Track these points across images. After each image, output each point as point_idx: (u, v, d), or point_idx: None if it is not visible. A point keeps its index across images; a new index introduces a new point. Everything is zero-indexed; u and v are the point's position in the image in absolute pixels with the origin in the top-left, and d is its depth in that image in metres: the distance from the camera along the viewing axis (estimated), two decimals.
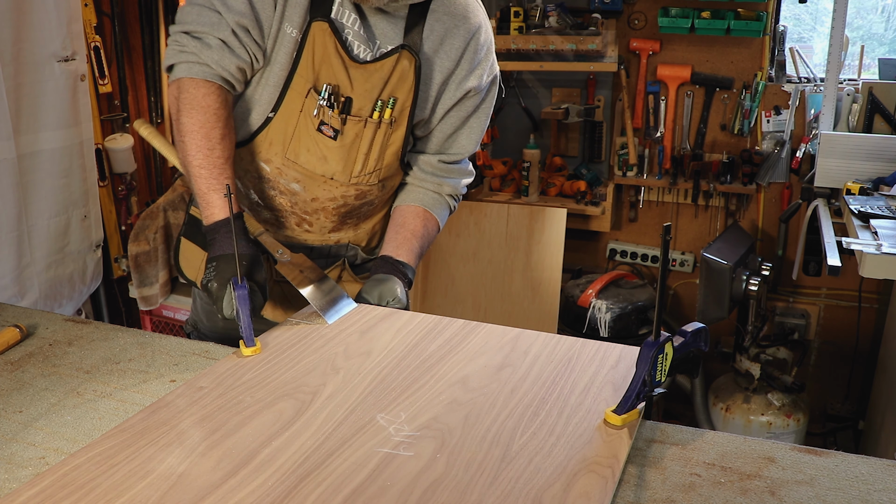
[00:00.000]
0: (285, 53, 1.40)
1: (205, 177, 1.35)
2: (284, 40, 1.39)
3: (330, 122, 1.42)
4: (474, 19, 1.47)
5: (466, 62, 1.47)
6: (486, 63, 1.51)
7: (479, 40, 1.48)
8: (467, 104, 1.53)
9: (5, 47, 2.50)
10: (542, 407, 1.04)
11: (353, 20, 1.40)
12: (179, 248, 1.66)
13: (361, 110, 1.43)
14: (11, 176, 2.58)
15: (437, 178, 1.59)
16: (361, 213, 1.57)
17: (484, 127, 1.59)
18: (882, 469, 0.94)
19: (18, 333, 1.32)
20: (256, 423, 1.00)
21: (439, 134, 1.56)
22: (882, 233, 2.10)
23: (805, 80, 3.17)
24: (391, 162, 1.51)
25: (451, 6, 1.45)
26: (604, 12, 3.23)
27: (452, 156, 1.59)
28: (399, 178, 1.59)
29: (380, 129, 1.45)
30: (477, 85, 1.50)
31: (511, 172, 3.50)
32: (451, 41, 1.46)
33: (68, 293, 2.93)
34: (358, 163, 1.47)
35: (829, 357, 3.37)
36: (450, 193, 1.62)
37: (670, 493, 0.89)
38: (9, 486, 0.92)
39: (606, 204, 3.32)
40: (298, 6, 1.37)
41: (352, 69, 1.40)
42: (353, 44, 1.41)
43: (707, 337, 1.08)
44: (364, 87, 1.41)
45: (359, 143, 1.45)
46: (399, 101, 1.43)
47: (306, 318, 1.35)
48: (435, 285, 3.40)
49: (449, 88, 1.49)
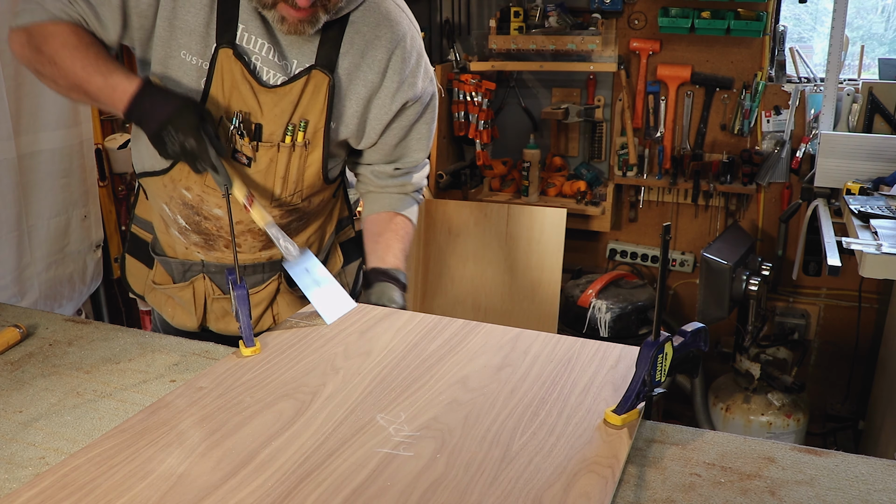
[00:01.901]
0: (191, 81, 1.35)
1: (92, 72, 1.28)
2: (185, 68, 1.34)
3: (242, 150, 1.38)
4: (398, 28, 1.41)
5: (395, 73, 1.41)
6: (418, 71, 1.45)
7: (406, 48, 1.41)
8: (408, 114, 1.48)
9: (5, 47, 2.49)
10: (542, 407, 1.04)
11: (261, 45, 1.34)
12: (125, 265, 1.66)
13: (273, 135, 1.38)
14: (11, 176, 2.58)
15: (397, 179, 1.58)
16: (291, 229, 1.53)
17: (432, 131, 1.55)
18: (882, 469, 0.94)
19: (18, 333, 1.32)
20: (256, 424, 1.00)
21: (384, 146, 1.52)
22: (882, 233, 2.10)
23: (805, 80, 3.17)
24: (313, 182, 1.46)
25: (371, 16, 1.39)
26: (604, 12, 3.23)
27: (406, 163, 1.56)
28: (327, 192, 1.55)
29: (294, 153, 1.40)
30: (413, 95, 1.45)
31: (511, 172, 3.50)
32: (374, 53, 1.39)
33: (68, 293, 2.93)
34: (276, 187, 1.43)
35: (829, 357, 3.37)
36: (413, 189, 1.61)
37: (670, 493, 0.89)
38: (9, 486, 0.92)
39: (606, 204, 3.32)
40: (193, 34, 1.32)
41: (261, 94, 1.35)
42: (262, 70, 1.35)
43: (707, 337, 1.08)
44: (273, 111, 1.36)
45: (274, 167, 1.40)
46: (311, 123, 1.39)
47: (306, 318, 1.35)
48: (435, 285, 3.40)
49: (381, 102, 1.43)
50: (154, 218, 1.57)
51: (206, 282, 1.54)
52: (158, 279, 1.58)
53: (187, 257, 1.54)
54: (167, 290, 1.57)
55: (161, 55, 1.34)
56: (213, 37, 1.32)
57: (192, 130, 1.25)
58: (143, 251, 1.62)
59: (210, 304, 1.55)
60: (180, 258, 1.55)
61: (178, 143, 1.25)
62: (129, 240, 1.65)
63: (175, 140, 1.25)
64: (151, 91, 1.28)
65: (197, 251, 1.52)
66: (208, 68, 1.33)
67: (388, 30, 1.40)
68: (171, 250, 1.56)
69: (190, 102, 1.27)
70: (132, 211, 1.65)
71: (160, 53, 1.34)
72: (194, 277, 1.54)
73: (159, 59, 1.35)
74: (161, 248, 1.58)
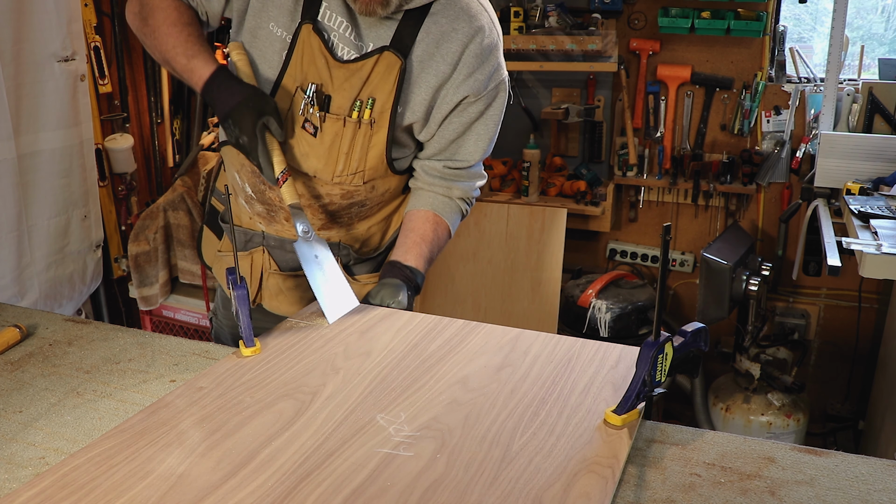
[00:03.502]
0: (274, 52, 1.44)
1: (180, 52, 1.41)
2: (271, 39, 1.44)
3: (311, 119, 1.44)
4: (475, 22, 1.43)
5: (465, 66, 1.43)
6: (487, 67, 1.45)
7: (481, 43, 1.43)
8: (470, 110, 1.48)
9: (5, 47, 2.50)
10: (542, 407, 1.04)
11: (340, 23, 1.42)
12: (202, 236, 1.77)
13: (340, 108, 1.43)
14: (11, 176, 2.58)
15: (446, 181, 1.56)
16: (352, 214, 1.56)
17: (492, 134, 1.54)
18: (882, 469, 0.94)
19: (18, 333, 1.32)
20: (256, 424, 1.00)
21: (441, 139, 1.52)
22: (882, 233, 2.10)
23: (805, 80, 3.17)
24: (375, 164, 1.49)
25: (452, 9, 1.42)
26: (604, 12, 3.23)
27: (458, 162, 1.55)
28: (393, 182, 1.56)
29: (360, 130, 1.44)
30: (476, 90, 1.45)
31: (511, 172, 3.50)
32: (448, 44, 1.42)
33: (68, 293, 2.94)
34: (339, 162, 1.47)
35: (829, 357, 3.37)
36: (460, 197, 1.58)
37: (670, 493, 0.89)
38: (9, 486, 0.92)
39: (606, 204, 3.32)
40: (283, 7, 1.42)
41: (333, 68, 1.42)
42: (338, 46, 1.42)
43: (707, 337, 1.08)
44: (343, 85, 1.42)
45: (339, 142, 1.45)
46: (378, 102, 1.42)
47: (306, 318, 1.35)
48: (435, 285, 3.40)
49: (446, 93, 1.46)
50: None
51: (264, 255, 1.60)
52: (224, 248, 1.67)
53: (250, 227, 1.62)
54: (229, 257, 1.63)
55: (252, 25, 1.44)
56: (300, 12, 1.42)
57: (248, 127, 1.34)
58: (217, 222, 1.71)
59: (266, 279, 1.60)
60: (244, 227, 1.63)
61: (235, 136, 1.36)
62: (207, 212, 1.76)
63: (233, 132, 1.35)
64: (222, 80, 1.38)
65: (259, 221, 1.59)
66: (290, 41, 1.42)
67: (465, 23, 1.43)
68: (237, 219, 1.64)
69: (254, 97, 1.35)
70: (213, 183, 1.78)
71: (251, 23, 1.44)
72: (254, 249, 1.61)
73: (250, 28, 1.45)
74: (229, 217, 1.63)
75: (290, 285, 1.60)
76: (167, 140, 3.42)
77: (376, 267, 1.67)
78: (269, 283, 1.60)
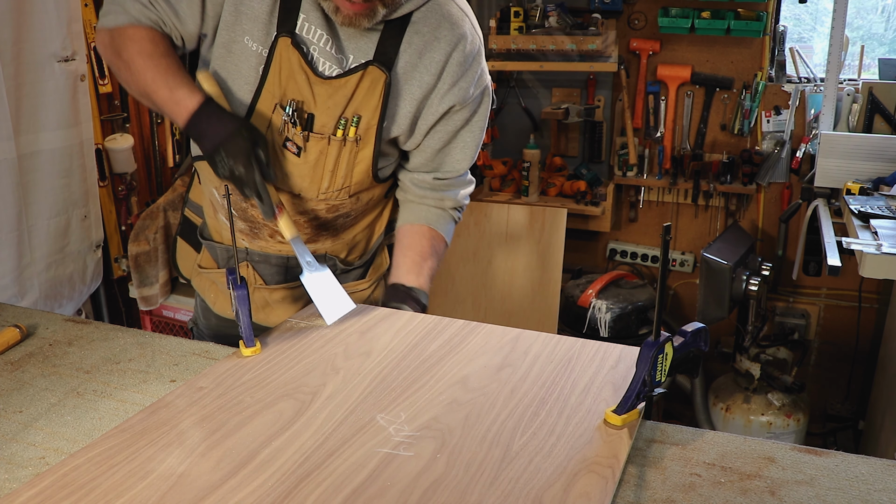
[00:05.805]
0: (250, 68, 1.37)
1: (161, 85, 1.32)
2: (246, 54, 1.37)
3: (293, 139, 1.38)
4: (458, 29, 1.39)
5: (449, 75, 1.40)
6: (471, 74, 1.43)
7: (464, 51, 1.40)
8: (455, 118, 1.46)
9: (5, 47, 2.50)
10: (542, 407, 1.04)
11: (320, 36, 1.36)
12: (176, 247, 1.70)
13: (324, 127, 1.38)
14: (11, 176, 2.58)
15: (437, 192, 1.54)
16: (338, 226, 1.53)
17: (478, 141, 1.52)
18: (882, 469, 0.94)
19: (18, 333, 1.31)
20: (256, 424, 1.00)
21: (428, 150, 1.50)
22: (882, 233, 2.10)
23: (805, 80, 3.17)
24: (361, 179, 1.45)
25: (433, 17, 1.38)
26: (604, 12, 3.22)
27: (447, 173, 1.52)
28: (377, 190, 1.54)
29: (345, 148, 1.40)
30: (462, 98, 1.43)
31: (511, 172, 3.50)
32: (431, 54, 1.38)
33: (68, 293, 2.93)
34: (324, 180, 1.43)
35: (829, 357, 3.37)
36: (452, 206, 1.57)
37: (670, 493, 0.89)
38: (9, 486, 0.92)
39: (606, 204, 3.32)
40: (257, 20, 1.35)
41: (315, 85, 1.36)
42: (319, 60, 1.36)
43: (707, 337, 1.08)
44: (326, 103, 1.37)
45: (324, 160, 1.40)
46: (364, 119, 1.38)
47: (306, 318, 1.35)
48: (435, 285, 3.38)
49: (431, 103, 1.42)
50: (204, 203, 1.60)
51: (248, 270, 1.56)
52: (204, 263, 1.62)
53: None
54: (211, 274, 1.60)
55: (225, 39, 1.37)
56: (275, 24, 1.35)
57: (242, 156, 1.27)
58: (193, 235, 1.66)
59: (252, 293, 1.55)
60: (226, 244, 1.58)
61: (228, 168, 1.28)
62: (181, 223, 1.69)
63: (226, 164, 1.28)
64: (209, 111, 1.31)
65: (242, 238, 1.54)
66: (267, 55, 1.35)
67: (448, 31, 1.39)
68: (218, 235, 1.59)
69: (244, 127, 1.29)
70: (187, 195, 1.69)
71: (224, 37, 1.37)
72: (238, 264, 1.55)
73: (223, 42, 1.37)
74: (209, 232, 1.61)
75: (277, 298, 1.57)
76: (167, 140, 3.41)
77: (361, 274, 1.65)
78: (256, 297, 1.56)
